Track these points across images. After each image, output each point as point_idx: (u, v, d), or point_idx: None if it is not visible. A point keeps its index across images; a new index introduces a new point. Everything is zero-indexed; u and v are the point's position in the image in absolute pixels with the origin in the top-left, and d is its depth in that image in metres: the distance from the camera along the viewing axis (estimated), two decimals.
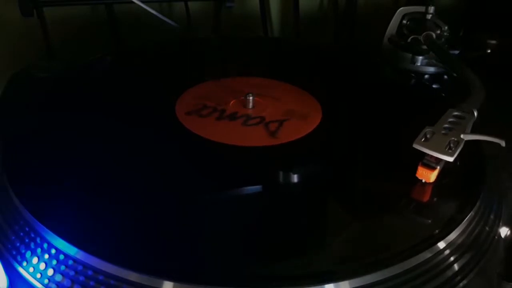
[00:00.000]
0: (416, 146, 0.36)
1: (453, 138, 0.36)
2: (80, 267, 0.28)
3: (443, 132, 0.37)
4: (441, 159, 0.35)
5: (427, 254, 0.30)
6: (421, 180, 0.35)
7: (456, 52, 0.58)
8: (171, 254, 0.29)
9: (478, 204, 0.34)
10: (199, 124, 0.41)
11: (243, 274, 0.28)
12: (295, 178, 0.36)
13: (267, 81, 0.49)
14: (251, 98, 0.44)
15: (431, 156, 0.35)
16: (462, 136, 0.37)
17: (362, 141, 0.42)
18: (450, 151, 0.35)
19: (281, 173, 0.36)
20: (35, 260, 0.30)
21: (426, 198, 0.35)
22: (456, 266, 0.31)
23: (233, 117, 0.42)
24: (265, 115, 0.43)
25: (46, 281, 0.29)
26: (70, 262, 0.29)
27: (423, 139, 0.36)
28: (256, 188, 0.35)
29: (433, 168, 0.35)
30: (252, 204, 0.34)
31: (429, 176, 0.35)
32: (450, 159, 0.35)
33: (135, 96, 0.46)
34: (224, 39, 0.67)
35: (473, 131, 0.38)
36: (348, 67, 0.57)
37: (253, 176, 0.36)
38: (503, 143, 0.36)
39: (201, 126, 0.41)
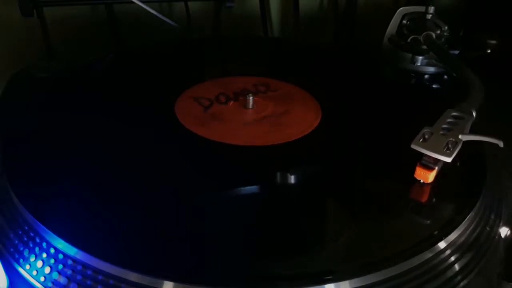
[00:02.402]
0: (414, 146, 0.36)
1: (451, 139, 0.36)
2: (80, 267, 0.28)
3: (441, 132, 0.37)
4: (439, 160, 0.35)
5: (427, 254, 0.30)
6: (420, 180, 0.35)
7: (456, 52, 0.58)
8: (171, 254, 0.29)
9: (478, 204, 0.34)
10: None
11: (243, 274, 0.28)
12: (295, 178, 0.36)
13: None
14: (251, 98, 0.44)
15: (429, 157, 0.35)
16: (460, 136, 0.37)
17: (362, 141, 0.42)
18: (448, 151, 0.35)
19: (281, 173, 0.36)
20: (34, 260, 0.30)
21: (426, 198, 0.35)
22: (456, 266, 0.31)
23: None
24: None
25: (46, 281, 0.29)
26: (70, 262, 0.29)
27: (421, 140, 0.36)
28: (256, 188, 0.35)
29: (431, 169, 0.35)
30: (252, 204, 0.34)
31: (427, 176, 0.35)
32: (448, 159, 0.35)
33: (135, 96, 0.46)
34: (224, 39, 0.67)
35: (472, 131, 0.38)
36: (348, 67, 0.57)
37: (253, 176, 0.36)
38: (501, 144, 0.36)
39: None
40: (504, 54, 0.64)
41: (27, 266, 0.30)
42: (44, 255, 0.29)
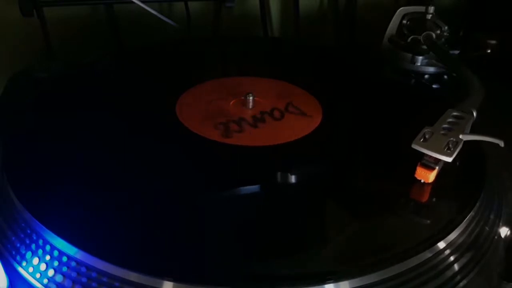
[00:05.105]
0: (414, 146, 0.36)
1: (452, 139, 0.36)
2: (80, 267, 0.28)
3: (442, 132, 0.37)
4: (440, 159, 0.35)
5: (427, 254, 0.30)
6: (421, 180, 0.35)
7: (456, 52, 0.58)
8: (171, 254, 0.29)
9: (478, 204, 0.34)
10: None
11: (243, 274, 0.28)
12: (295, 178, 0.36)
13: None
14: (251, 98, 0.44)
15: (430, 157, 0.35)
16: (461, 136, 0.37)
17: (362, 141, 0.42)
18: (448, 151, 0.35)
19: (281, 173, 0.36)
20: (35, 260, 0.30)
21: (426, 198, 0.35)
22: (456, 266, 0.31)
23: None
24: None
25: (45, 281, 0.29)
26: (70, 262, 0.29)
27: (422, 140, 0.36)
28: (256, 188, 0.35)
29: (432, 169, 0.35)
30: (252, 204, 0.34)
31: (428, 176, 0.35)
32: (449, 159, 0.35)
33: (135, 96, 0.46)
34: (224, 39, 0.67)
35: (472, 131, 0.38)
36: (348, 67, 0.57)
37: (253, 176, 0.36)
38: (501, 143, 0.36)
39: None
40: (504, 54, 0.64)
41: (26, 265, 0.30)
42: (44, 255, 0.29)
